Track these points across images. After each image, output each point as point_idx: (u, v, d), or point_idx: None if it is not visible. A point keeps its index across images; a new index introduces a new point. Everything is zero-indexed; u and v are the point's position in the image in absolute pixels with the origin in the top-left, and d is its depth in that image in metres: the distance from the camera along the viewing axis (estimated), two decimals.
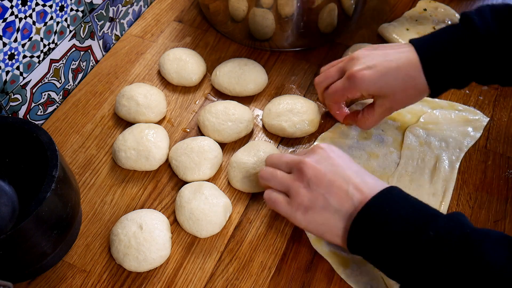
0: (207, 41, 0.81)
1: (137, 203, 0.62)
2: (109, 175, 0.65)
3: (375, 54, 0.58)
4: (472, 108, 0.69)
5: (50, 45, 0.68)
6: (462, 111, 0.69)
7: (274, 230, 0.59)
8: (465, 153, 0.65)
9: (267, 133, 0.69)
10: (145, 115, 0.68)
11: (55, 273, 0.56)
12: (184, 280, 0.56)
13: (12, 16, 0.60)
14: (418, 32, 0.78)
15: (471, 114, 0.68)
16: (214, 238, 0.59)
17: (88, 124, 0.70)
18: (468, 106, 0.70)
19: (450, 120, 0.67)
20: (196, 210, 0.57)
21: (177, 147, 0.64)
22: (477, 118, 0.68)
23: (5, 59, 0.61)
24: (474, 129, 0.67)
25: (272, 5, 0.70)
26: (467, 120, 0.68)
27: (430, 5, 0.83)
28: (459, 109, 0.69)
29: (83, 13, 0.72)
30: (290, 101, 0.68)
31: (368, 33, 0.81)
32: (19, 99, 0.66)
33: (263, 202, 0.61)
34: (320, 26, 0.74)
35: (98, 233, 0.59)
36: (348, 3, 0.74)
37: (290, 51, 0.79)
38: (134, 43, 0.81)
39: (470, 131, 0.67)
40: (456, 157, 0.64)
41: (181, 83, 0.74)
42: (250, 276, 0.56)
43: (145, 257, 0.54)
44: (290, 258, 0.57)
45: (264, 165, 0.60)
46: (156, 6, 0.87)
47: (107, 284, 0.55)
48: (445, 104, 0.70)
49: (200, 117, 0.68)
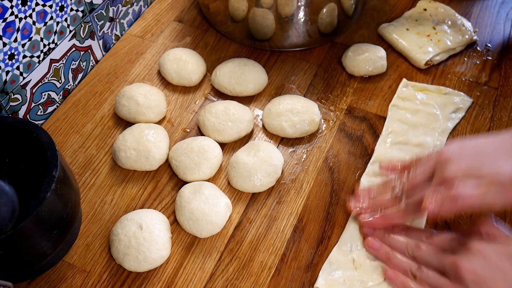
0: (207, 41, 0.81)
1: (137, 203, 0.62)
2: (109, 175, 0.65)
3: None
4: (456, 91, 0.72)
5: (50, 45, 0.68)
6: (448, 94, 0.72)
7: (274, 230, 0.59)
8: None
9: (267, 133, 0.69)
10: (145, 115, 0.68)
11: (55, 273, 0.56)
12: (184, 280, 0.56)
13: (12, 16, 0.60)
14: (418, 32, 0.78)
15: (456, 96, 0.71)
16: (214, 238, 0.59)
17: (88, 124, 0.70)
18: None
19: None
20: (196, 210, 0.57)
21: (177, 147, 0.64)
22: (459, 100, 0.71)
23: (5, 59, 0.61)
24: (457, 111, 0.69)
25: (272, 5, 0.70)
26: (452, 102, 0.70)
27: (430, 5, 0.83)
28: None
29: (83, 13, 0.72)
30: (290, 101, 0.68)
31: (368, 33, 0.81)
32: (19, 99, 0.66)
33: (263, 202, 0.61)
34: (320, 26, 0.74)
35: (98, 233, 0.59)
36: (348, 3, 0.74)
37: (290, 51, 0.79)
38: (134, 43, 0.81)
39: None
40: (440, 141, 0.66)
41: (181, 83, 0.74)
42: (250, 276, 0.56)
43: (145, 257, 0.54)
44: (290, 258, 0.57)
45: (264, 166, 0.60)
46: (156, 6, 0.87)
47: (107, 284, 0.55)
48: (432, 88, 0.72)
49: (200, 117, 0.68)
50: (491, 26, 0.81)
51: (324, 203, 0.61)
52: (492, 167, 0.46)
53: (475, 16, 0.83)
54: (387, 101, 0.71)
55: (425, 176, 0.51)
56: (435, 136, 0.66)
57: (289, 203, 0.61)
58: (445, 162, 0.49)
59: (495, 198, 0.46)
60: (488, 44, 0.78)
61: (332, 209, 0.61)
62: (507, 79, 0.74)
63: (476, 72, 0.75)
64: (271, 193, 0.62)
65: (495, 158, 0.47)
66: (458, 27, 0.78)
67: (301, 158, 0.66)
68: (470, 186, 0.46)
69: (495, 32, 0.80)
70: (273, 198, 0.62)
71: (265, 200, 0.62)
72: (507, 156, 0.47)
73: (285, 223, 0.60)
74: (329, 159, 0.65)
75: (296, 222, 0.60)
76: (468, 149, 0.49)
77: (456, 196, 0.46)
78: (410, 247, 0.52)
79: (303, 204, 0.61)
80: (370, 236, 0.55)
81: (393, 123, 0.68)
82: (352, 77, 0.75)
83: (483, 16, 0.83)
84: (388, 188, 0.56)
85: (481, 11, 0.84)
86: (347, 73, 0.75)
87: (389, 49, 0.79)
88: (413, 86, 0.72)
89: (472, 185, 0.46)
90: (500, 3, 0.85)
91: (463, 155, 0.49)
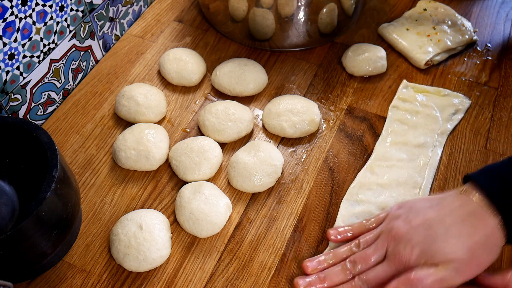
0: (207, 41, 0.81)
1: (137, 203, 0.62)
2: (109, 175, 0.65)
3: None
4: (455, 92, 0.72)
5: (50, 45, 0.68)
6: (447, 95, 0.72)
7: (274, 230, 0.59)
8: (464, 153, 0.65)
9: (267, 133, 0.69)
10: (145, 115, 0.68)
11: (55, 273, 0.56)
12: (184, 280, 0.56)
13: (12, 16, 0.60)
14: (418, 32, 0.78)
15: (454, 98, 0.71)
16: (214, 238, 0.59)
17: (88, 124, 0.70)
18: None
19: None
20: (196, 210, 0.57)
21: (177, 147, 0.64)
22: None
23: (5, 59, 0.61)
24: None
25: (272, 5, 0.70)
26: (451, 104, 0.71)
27: (430, 5, 0.83)
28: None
29: (83, 13, 0.72)
30: (290, 101, 0.68)
31: (368, 33, 0.81)
32: (19, 99, 0.66)
33: (263, 202, 0.61)
34: (320, 26, 0.74)
35: (98, 233, 0.59)
36: (348, 3, 0.74)
37: (290, 51, 0.79)
38: (134, 43, 0.81)
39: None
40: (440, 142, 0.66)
41: (181, 83, 0.74)
42: (250, 276, 0.56)
43: (145, 257, 0.54)
44: (290, 258, 0.57)
45: (263, 164, 0.60)
46: (156, 6, 0.87)
47: (107, 284, 0.55)
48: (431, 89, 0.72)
49: (200, 117, 0.68)
50: (491, 26, 0.81)
51: (324, 203, 0.61)
52: (445, 252, 0.47)
53: (475, 16, 0.83)
54: (387, 101, 0.71)
55: (377, 254, 0.51)
56: (435, 137, 0.66)
57: (289, 203, 0.61)
58: (397, 240, 0.50)
59: (454, 278, 0.47)
60: (488, 44, 0.78)
61: (332, 209, 0.61)
62: (507, 79, 0.74)
63: (476, 72, 0.75)
64: (271, 193, 0.62)
65: (446, 240, 0.47)
66: (458, 27, 0.78)
67: (301, 158, 0.66)
68: (427, 272, 0.47)
69: (495, 32, 0.80)
70: (273, 198, 0.62)
71: (265, 200, 0.62)
72: (457, 232, 0.48)
73: (285, 223, 0.60)
74: (329, 159, 0.65)
75: (296, 222, 0.60)
76: (417, 223, 0.50)
77: (415, 281, 0.47)
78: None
79: (303, 204, 0.61)
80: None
81: (393, 124, 0.68)
82: (352, 77, 0.75)
83: (483, 16, 0.83)
84: (338, 260, 0.54)
85: (481, 11, 0.84)
86: (347, 73, 0.75)
87: (389, 49, 0.79)
88: (413, 88, 0.72)
89: (429, 272, 0.47)
90: (500, 3, 0.85)
91: (414, 231, 0.49)
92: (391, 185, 0.62)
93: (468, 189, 0.49)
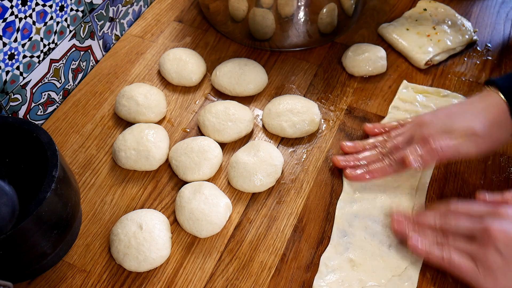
0: (207, 41, 0.81)
1: (137, 203, 0.62)
2: (109, 175, 0.65)
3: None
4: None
5: (50, 45, 0.68)
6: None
7: (274, 230, 0.59)
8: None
9: (267, 133, 0.69)
10: (145, 115, 0.68)
11: (55, 273, 0.56)
12: (184, 280, 0.56)
13: (12, 16, 0.60)
14: (418, 32, 0.78)
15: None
16: (214, 238, 0.59)
17: (88, 124, 0.70)
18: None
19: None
20: (196, 210, 0.57)
21: (177, 147, 0.64)
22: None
23: (5, 59, 0.61)
24: None
25: (272, 5, 0.70)
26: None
27: (430, 5, 0.83)
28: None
29: (83, 13, 0.72)
30: (290, 101, 0.68)
31: (368, 33, 0.81)
32: (19, 99, 0.66)
33: (263, 202, 0.61)
34: (320, 26, 0.74)
35: (98, 233, 0.59)
36: (348, 3, 0.74)
37: (290, 51, 0.79)
38: (134, 43, 0.81)
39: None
40: None
41: (181, 83, 0.74)
42: (250, 276, 0.56)
43: (145, 257, 0.54)
44: (290, 258, 0.57)
45: (262, 165, 0.60)
46: (156, 6, 0.87)
47: (107, 284, 0.55)
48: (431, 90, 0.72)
49: (200, 117, 0.68)
50: (491, 26, 0.81)
51: (324, 203, 0.61)
52: (462, 123, 0.54)
53: (475, 16, 0.83)
54: (387, 101, 0.71)
55: (405, 138, 0.58)
56: None
57: (289, 203, 0.61)
58: (422, 125, 0.57)
59: (469, 147, 0.53)
60: (488, 44, 0.78)
61: (332, 209, 0.61)
62: None
63: (476, 72, 0.75)
64: (271, 193, 0.62)
65: (465, 117, 0.55)
66: (458, 27, 0.78)
67: (301, 158, 0.66)
68: (446, 139, 0.54)
69: (495, 32, 0.80)
70: (273, 198, 0.62)
71: (265, 200, 0.62)
72: (474, 115, 0.55)
73: (285, 223, 0.60)
74: (329, 159, 0.65)
75: (296, 222, 0.60)
76: (441, 113, 0.58)
77: (434, 149, 0.54)
78: (438, 218, 0.53)
79: (303, 204, 0.61)
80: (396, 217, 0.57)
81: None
82: (352, 77, 0.75)
83: (483, 16, 0.83)
84: (372, 146, 0.62)
85: (481, 11, 0.84)
86: (347, 73, 0.75)
87: (389, 49, 0.79)
88: (413, 88, 0.72)
89: (447, 139, 0.54)
90: (500, 3, 0.85)
91: (437, 118, 0.57)
92: (388, 185, 0.62)
93: (490, 91, 0.55)
